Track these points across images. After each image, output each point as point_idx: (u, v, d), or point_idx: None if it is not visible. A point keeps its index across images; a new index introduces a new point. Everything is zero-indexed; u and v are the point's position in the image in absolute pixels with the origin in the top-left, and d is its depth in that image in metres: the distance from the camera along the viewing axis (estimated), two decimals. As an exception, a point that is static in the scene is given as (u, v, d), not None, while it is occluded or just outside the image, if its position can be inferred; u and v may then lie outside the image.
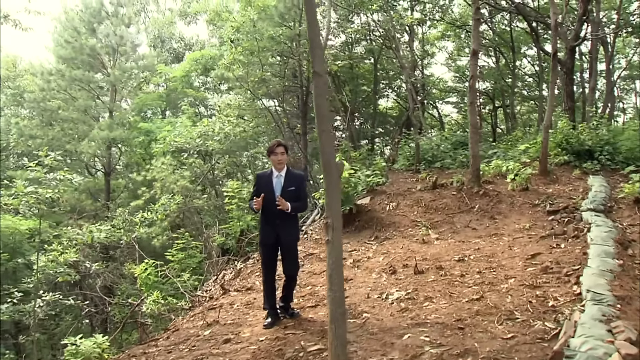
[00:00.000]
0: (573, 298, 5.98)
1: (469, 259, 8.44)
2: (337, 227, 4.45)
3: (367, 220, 11.58)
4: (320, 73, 4.53)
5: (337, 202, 4.52)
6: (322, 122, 4.52)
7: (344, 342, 4.41)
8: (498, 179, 12.94)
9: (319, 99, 4.56)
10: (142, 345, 7.91)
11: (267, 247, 6.86)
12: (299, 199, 6.88)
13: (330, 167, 4.47)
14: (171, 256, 13.08)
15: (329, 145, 4.51)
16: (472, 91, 11.86)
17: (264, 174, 7.00)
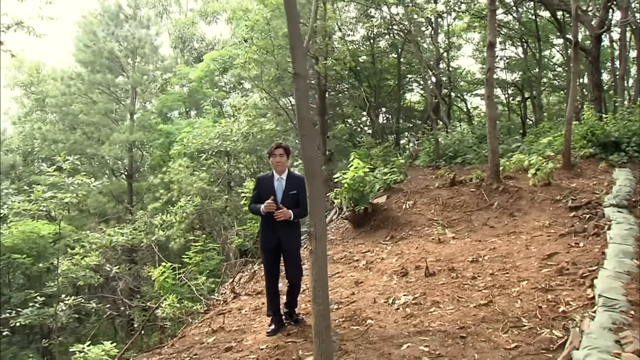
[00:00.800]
0: (586, 303, 5.64)
1: (483, 259, 8.12)
2: (321, 237, 4.23)
3: (383, 219, 11.32)
4: (300, 74, 4.30)
5: (321, 210, 4.30)
6: (303, 126, 4.30)
7: (330, 357, 4.19)
8: (520, 173, 12.50)
9: (300, 101, 4.34)
10: (147, 352, 7.82)
11: (269, 252, 6.68)
12: (300, 204, 6.69)
13: (312, 173, 4.25)
14: (188, 259, 13.00)
15: (311, 150, 4.29)
16: (489, 84, 11.45)
17: (265, 177, 6.81)
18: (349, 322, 6.49)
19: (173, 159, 17.41)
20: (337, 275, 9.05)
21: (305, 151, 4.28)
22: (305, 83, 4.38)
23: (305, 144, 4.28)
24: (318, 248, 4.19)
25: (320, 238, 4.20)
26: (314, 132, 4.24)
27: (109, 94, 22.47)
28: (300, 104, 4.33)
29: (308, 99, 4.46)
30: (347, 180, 11.17)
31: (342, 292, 7.94)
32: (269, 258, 6.69)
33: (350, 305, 7.14)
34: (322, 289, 4.16)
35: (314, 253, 4.21)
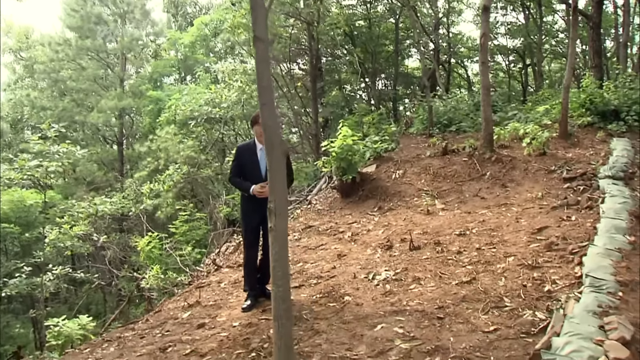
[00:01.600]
0: (572, 282, 5.33)
1: (471, 232, 7.81)
2: (281, 213, 3.89)
3: (372, 189, 10.98)
4: (261, 37, 3.91)
5: (282, 184, 3.95)
6: (263, 94, 3.92)
7: (290, 343, 3.89)
8: (515, 142, 12.11)
9: (261, 66, 3.95)
10: (121, 328, 7.60)
11: (252, 228, 6.38)
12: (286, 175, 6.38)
13: (272, 144, 3.89)
14: (175, 228, 12.74)
15: (272, 120, 3.92)
16: (483, 50, 10.98)
17: (246, 147, 6.48)
18: (326, 298, 6.21)
19: (161, 126, 17.01)
20: (321, 248, 8.77)
21: (265, 120, 3.91)
22: (266, 47, 3.99)
23: (265, 112, 3.91)
24: (278, 225, 3.86)
25: (280, 215, 3.86)
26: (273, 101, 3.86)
27: (98, 60, 21.90)
28: (261, 69, 3.94)
29: (269, 64, 4.06)
30: (335, 149, 10.81)
31: (324, 265, 7.66)
32: (252, 233, 6.40)
33: (329, 280, 6.86)
34: (282, 270, 3.84)
35: (273, 230, 3.87)
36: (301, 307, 6.01)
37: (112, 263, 14.96)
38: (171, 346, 5.63)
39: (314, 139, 16.76)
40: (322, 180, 13.08)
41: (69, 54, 21.33)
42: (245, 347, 5.17)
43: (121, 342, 6.28)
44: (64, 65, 21.85)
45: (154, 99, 20.16)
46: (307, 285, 6.88)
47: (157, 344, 5.85)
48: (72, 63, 21.73)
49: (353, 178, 10.87)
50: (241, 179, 6.33)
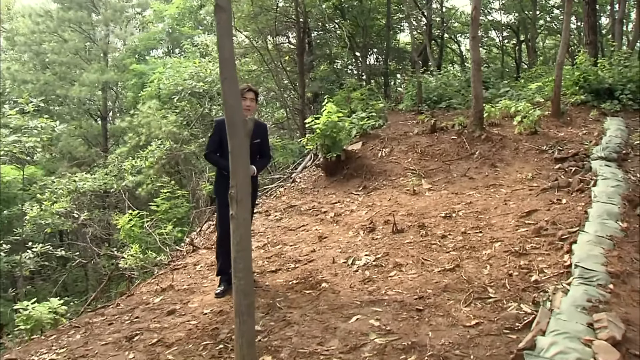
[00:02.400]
0: (561, 272, 5.03)
1: (457, 215, 7.49)
2: (242, 200, 3.54)
3: (357, 168, 10.62)
4: (222, 5, 3.53)
5: (244, 168, 3.60)
6: (225, 68, 3.55)
7: (252, 340, 3.57)
8: (506, 120, 11.76)
9: (223, 39, 3.57)
10: (91, 313, 7.27)
11: (226, 206, 6.02)
12: (263, 153, 6.10)
13: (235, 124, 3.53)
14: (156, 206, 12.38)
15: (234, 98, 3.55)
16: (474, 24, 10.55)
17: None
18: (303, 284, 5.91)
19: (143, 101, 16.51)
20: (302, 229, 8.45)
21: (226, 98, 3.54)
22: (228, 16, 3.61)
23: (226, 89, 3.54)
24: (239, 213, 3.52)
25: (242, 201, 3.52)
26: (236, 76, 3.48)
27: (80, 32, 21.24)
28: (223, 41, 3.57)
29: (231, 35, 3.68)
30: (320, 126, 10.43)
31: (303, 248, 7.35)
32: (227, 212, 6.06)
33: (307, 265, 6.55)
34: (243, 262, 3.51)
35: (234, 219, 3.53)
36: (275, 294, 5.72)
37: (94, 241, 14.62)
38: (138, 334, 5.35)
39: (299, 114, 16.32)
40: (307, 157, 12.70)
41: (50, 25, 20.66)
42: (214, 337, 4.89)
43: (88, 329, 5.99)
44: (45, 37, 21.19)
45: (138, 72, 19.61)
46: (285, 270, 6.58)
47: (124, 331, 5.57)
48: (54, 35, 21.05)
49: (338, 156, 10.51)
50: (217, 155, 6.01)
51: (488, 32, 29.56)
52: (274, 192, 11.51)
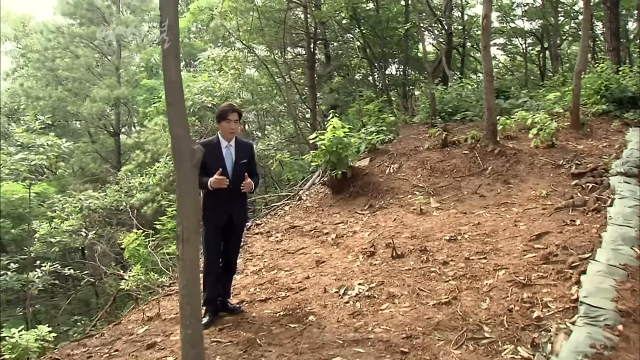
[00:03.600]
0: (567, 306, 4.53)
1: (463, 237, 7.00)
2: (189, 239, 3.14)
3: (363, 185, 10.17)
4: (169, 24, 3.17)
5: (191, 203, 3.20)
6: (171, 93, 3.17)
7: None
8: (523, 133, 11.19)
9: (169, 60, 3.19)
10: (73, 343, 6.96)
11: (218, 230, 5.70)
12: (251, 173, 5.76)
13: (181, 155, 3.15)
14: (161, 225, 12.09)
15: (181, 127, 3.16)
16: (485, 33, 10.06)
17: (209, 144, 5.80)
18: (290, 317, 5.50)
19: (150, 117, 16.30)
20: (301, 252, 8.04)
21: (173, 127, 3.15)
22: (175, 35, 3.23)
23: (173, 116, 3.16)
24: (186, 254, 3.12)
25: (189, 241, 3.11)
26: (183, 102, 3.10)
27: (93, 47, 21.21)
28: (168, 62, 3.19)
29: (178, 56, 3.29)
30: (325, 142, 10.03)
31: (298, 274, 6.93)
32: (217, 236, 5.74)
33: (298, 294, 6.13)
34: (191, 308, 3.10)
35: (182, 260, 3.14)
36: (259, 328, 5.32)
37: (105, 259, 14.40)
38: (113, 370, 5.00)
39: (311, 129, 15.95)
40: (315, 174, 12.29)
41: (61, 42, 20.68)
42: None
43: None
44: (57, 53, 21.22)
45: (149, 88, 19.44)
46: (275, 299, 6.17)
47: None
48: (66, 51, 21.06)
49: (344, 173, 10.09)
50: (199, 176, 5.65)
51: (511, 40, 28.93)
52: (278, 211, 11.12)
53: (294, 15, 17.27)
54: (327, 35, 20.77)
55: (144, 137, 15.42)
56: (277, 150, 15.47)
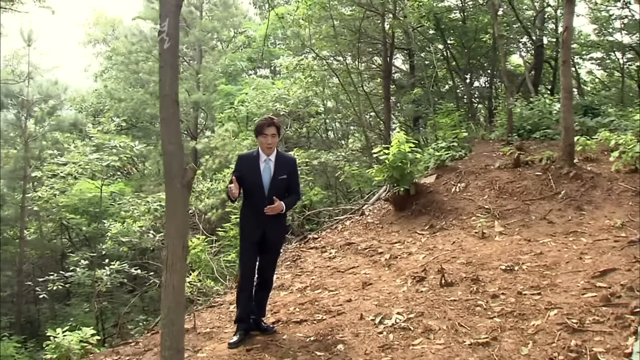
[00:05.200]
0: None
1: (521, 268, 6.44)
2: (175, 265, 2.92)
3: (426, 203, 9.70)
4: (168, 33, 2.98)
5: (179, 227, 2.99)
6: (165, 106, 2.99)
7: None
8: (605, 155, 10.34)
9: (165, 71, 3.01)
10: (110, 349, 6.99)
11: (252, 245, 5.55)
12: (291, 190, 5.56)
13: (172, 174, 2.95)
14: (224, 232, 12.11)
15: (172, 143, 2.96)
16: (565, 46, 9.34)
17: (249, 156, 5.69)
18: (319, 343, 5.22)
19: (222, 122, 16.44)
20: (351, 271, 7.73)
21: (164, 143, 2.96)
22: (175, 45, 3.05)
23: (166, 130, 2.97)
24: (170, 280, 2.91)
25: (174, 267, 2.90)
26: (178, 117, 2.91)
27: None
28: (165, 73, 3.01)
29: (176, 67, 3.10)
30: (389, 157, 9.67)
31: (341, 297, 6.63)
32: (251, 251, 5.59)
33: (334, 319, 5.83)
34: (171, 339, 2.89)
35: (164, 287, 2.93)
36: (285, 353, 5.09)
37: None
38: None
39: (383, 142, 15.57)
40: (382, 188, 11.92)
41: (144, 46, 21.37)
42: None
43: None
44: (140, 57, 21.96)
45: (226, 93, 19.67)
46: (310, 322, 5.90)
47: (126, 376, 5.16)
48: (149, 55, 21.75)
49: (406, 190, 9.67)
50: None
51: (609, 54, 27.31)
52: (339, 225, 10.84)
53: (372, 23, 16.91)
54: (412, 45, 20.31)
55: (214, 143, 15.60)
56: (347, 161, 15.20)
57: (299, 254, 9.24)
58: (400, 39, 20.46)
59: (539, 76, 21.98)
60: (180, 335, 2.96)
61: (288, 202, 5.56)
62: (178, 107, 3.03)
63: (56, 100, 19.02)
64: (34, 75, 19.14)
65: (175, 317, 2.91)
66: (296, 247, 10.06)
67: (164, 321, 2.90)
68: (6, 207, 17.94)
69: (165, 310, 2.90)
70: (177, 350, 2.91)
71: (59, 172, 13.26)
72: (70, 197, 16.07)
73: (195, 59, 22.78)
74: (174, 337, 2.89)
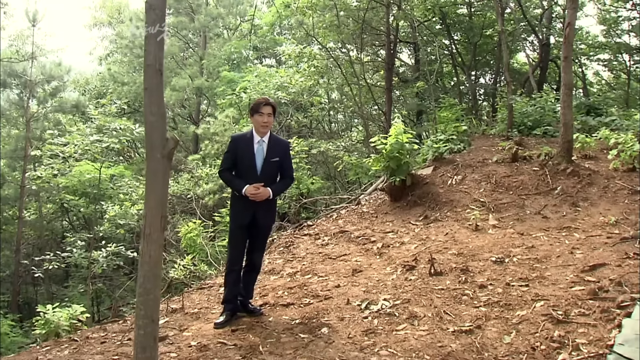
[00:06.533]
0: (601, 352, 3.97)
1: (511, 260, 6.42)
2: (152, 234, 2.91)
3: (422, 195, 9.67)
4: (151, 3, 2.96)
5: (159, 197, 2.97)
6: (148, 76, 2.97)
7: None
8: (604, 153, 10.30)
9: (150, 41, 2.99)
10: (98, 326, 6.98)
11: (241, 229, 5.54)
12: (284, 173, 5.55)
13: (152, 144, 2.93)
14: (220, 217, 12.11)
15: (154, 113, 2.93)
16: (567, 43, 9.29)
17: (242, 137, 5.67)
18: (303, 326, 5.22)
19: (222, 108, 16.42)
20: (342, 258, 7.72)
21: (146, 112, 2.95)
22: (159, 15, 3.02)
23: (148, 101, 2.95)
24: (146, 249, 2.90)
25: (150, 236, 2.88)
26: (162, 88, 2.88)
27: (179, 37, 21.73)
28: (149, 44, 2.99)
29: (162, 39, 3.08)
30: (386, 147, 9.64)
31: (330, 282, 6.63)
32: (241, 235, 5.59)
33: (321, 303, 5.83)
34: (145, 308, 2.88)
35: (141, 256, 2.92)
36: (269, 334, 5.08)
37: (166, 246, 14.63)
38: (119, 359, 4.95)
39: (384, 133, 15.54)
40: (380, 178, 11.88)
41: (149, 30, 21.21)
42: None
43: (81, 345, 5.68)
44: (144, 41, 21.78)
45: (228, 79, 19.63)
46: (297, 305, 5.91)
47: (107, 354, 5.19)
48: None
49: (403, 180, 9.64)
50: (232, 174, 5.55)
51: (617, 56, 27.16)
52: (334, 214, 10.83)
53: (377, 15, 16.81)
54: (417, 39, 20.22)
55: (214, 129, 15.56)
56: (347, 152, 15.17)
57: (292, 240, 9.24)
58: (407, 32, 20.36)
59: (544, 75, 21.87)
60: (156, 305, 2.94)
61: (277, 187, 5.56)
62: (162, 78, 3.01)
63: (59, 81, 19.03)
64: (38, 55, 19.16)
65: (150, 287, 2.90)
66: (290, 233, 10.04)
67: (139, 290, 2.88)
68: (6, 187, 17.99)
69: (141, 279, 2.88)
70: (152, 320, 2.90)
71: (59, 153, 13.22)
72: (69, 178, 16.06)
73: (200, 45, 22.72)
74: (148, 306, 2.88)
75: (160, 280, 3.10)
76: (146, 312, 2.88)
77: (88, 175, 15.52)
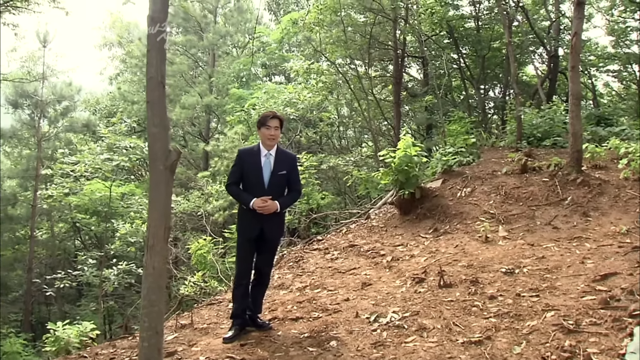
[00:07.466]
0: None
1: (521, 271, 6.37)
2: (156, 246, 2.92)
3: (431, 207, 9.64)
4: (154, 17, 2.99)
5: (161, 209, 2.99)
6: (151, 89, 3.00)
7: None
8: (614, 163, 10.22)
9: (152, 54, 3.03)
10: (107, 343, 6.98)
11: (249, 242, 5.55)
12: (291, 186, 5.56)
13: (155, 155, 2.95)
14: (230, 233, 12.11)
15: (156, 125, 2.98)
16: (574, 53, 9.27)
17: (250, 151, 5.70)
18: (312, 340, 5.19)
19: (231, 125, 16.49)
20: (352, 272, 7.69)
21: (149, 124, 2.98)
22: (163, 31, 3.06)
23: (151, 113, 2.99)
24: (150, 261, 2.90)
25: (154, 248, 2.89)
26: (164, 100, 2.91)
27: (188, 56, 21.94)
28: (151, 56, 3.03)
29: (163, 51, 3.11)
30: (395, 160, 9.63)
31: (339, 296, 6.60)
32: (249, 248, 5.60)
33: (330, 316, 5.80)
34: (150, 320, 2.88)
35: (145, 268, 2.93)
36: (278, 349, 5.06)
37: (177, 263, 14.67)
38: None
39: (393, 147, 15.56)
40: (390, 192, 11.87)
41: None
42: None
43: None
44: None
45: (237, 97, 19.74)
46: (306, 319, 5.88)
47: (118, 369, 5.16)
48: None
49: (412, 194, 9.62)
50: (240, 188, 5.57)
51: (626, 67, 27.08)
52: (344, 228, 10.81)
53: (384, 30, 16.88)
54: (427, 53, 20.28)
55: (223, 145, 15.63)
56: (356, 166, 15.18)
57: (302, 255, 9.22)
58: (415, 46, 20.42)
59: (553, 86, 21.81)
60: (160, 317, 2.94)
61: (284, 200, 5.56)
62: (164, 90, 3.04)
63: (70, 101, 19.24)
64: (49, 76, 19.40)
65: (154, 298, 2.90)
66: (300, 248, 10.03)
67: (144, 302, 2.89)
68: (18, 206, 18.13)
69: (145, 291, 2.89)
70: (156, 332, 2.89)
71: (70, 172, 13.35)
72: (80, 196, 16.17)
73: (209, 63, 22.90)
74: (152, 318, 2.88)
75: (164, 292, 3.10)
76: (150, 324, 2.88)
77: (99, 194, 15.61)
